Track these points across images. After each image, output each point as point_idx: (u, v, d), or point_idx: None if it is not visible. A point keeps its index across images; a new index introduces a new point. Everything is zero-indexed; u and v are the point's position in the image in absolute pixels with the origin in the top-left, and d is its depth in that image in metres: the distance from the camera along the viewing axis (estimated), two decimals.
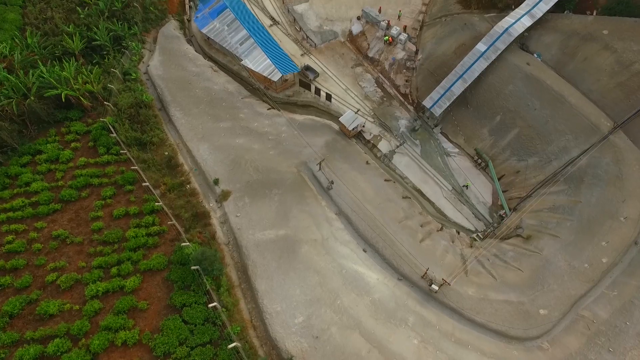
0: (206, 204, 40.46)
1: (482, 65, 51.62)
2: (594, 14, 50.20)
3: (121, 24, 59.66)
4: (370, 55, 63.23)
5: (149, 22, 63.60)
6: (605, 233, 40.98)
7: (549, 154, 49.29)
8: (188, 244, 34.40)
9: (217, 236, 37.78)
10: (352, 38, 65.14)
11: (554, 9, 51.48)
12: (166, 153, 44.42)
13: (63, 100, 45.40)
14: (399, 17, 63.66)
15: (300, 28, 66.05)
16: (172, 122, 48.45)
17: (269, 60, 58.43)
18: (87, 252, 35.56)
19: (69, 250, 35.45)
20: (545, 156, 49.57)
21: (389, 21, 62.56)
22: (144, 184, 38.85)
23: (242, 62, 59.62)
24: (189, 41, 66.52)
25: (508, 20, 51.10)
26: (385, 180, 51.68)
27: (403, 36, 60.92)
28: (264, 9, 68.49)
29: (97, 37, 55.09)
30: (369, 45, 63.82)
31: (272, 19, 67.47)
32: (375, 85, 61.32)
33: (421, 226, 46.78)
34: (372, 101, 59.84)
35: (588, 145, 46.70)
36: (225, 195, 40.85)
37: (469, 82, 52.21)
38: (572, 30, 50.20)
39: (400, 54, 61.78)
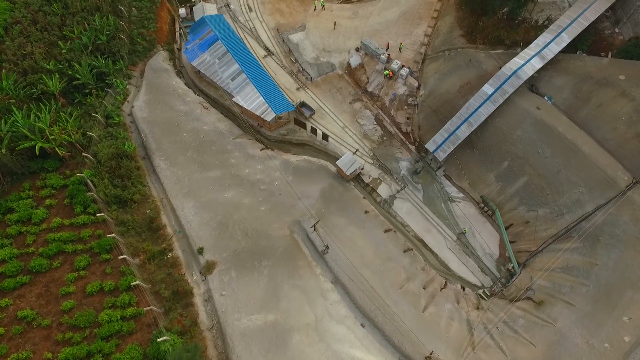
0: (189, 276, 36.66)
1: (489, 108, 47.82)
2: (609, 56, 46.37)
3: (106, 58, 55.84)
4: (370, 89, 59.41)
5: (136, 55, 59.73)
6: (626, 305, 37.21)
7: (560, 206, 45.51)
8: (166, 337, 30.55)
9: (199, 320, 33.97)
10: (350, 71, 61.32)
11: (566, 49, 47.65)
12: (148, 211, 40.59)
13: (37, 153, 41.55)
14: (399, 49, 59.82)
15: (296, 60, 62.21)
16: (157, 174, 44.59)
17: (262, 98, 54.58)
18: (55, 338, 31.75)
19: (35, 336, 31.67)
20: (556, 208, 45.78)
21: (389, 54, 58.73)
22: (120, 257, 35.00)
23: (234, 99, 55.77)
24: (179, 73, 62.73)
25: (517, 61, 47.26)
26: (386, 230, 47.96)
27: (404, 71, 57.11)
28: (257, 38, 64.66)
29: (78, 75, 51.23)
30: (368, 79, 60.01)
31: (266, 49, 63.65)
32: (375, 122, 57.52)
33: (424, 288, 43.03)
34: (372, 140, 56.04)
35: (604, 200, 42.92)
36: (210, 267, 37.05)
37: (475, 126, 48.43)
38: (586, 73, 46.38)
39: (401, 89, 58.00)
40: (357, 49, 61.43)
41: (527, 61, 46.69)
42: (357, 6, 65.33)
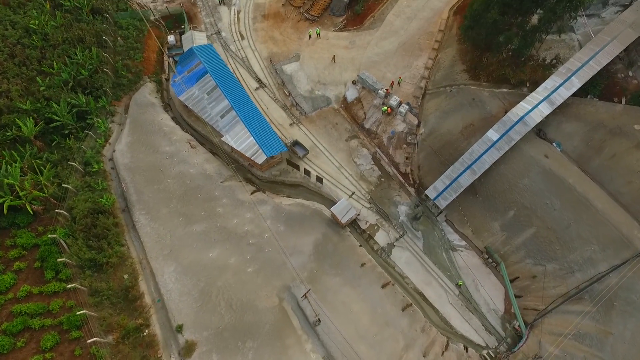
0: (167, 359, 33.23)
1: (493, 156, 44.41)
2: (623, 102, 42.98)
3: (88, 94, 52.50)
4: (367, 126, 55.97)
5: (120, 88, 56.29)
6: None
7: (571, 263, 42.13)
8: None
9: None
10: (346, 105, 57.86)
11: (576, 93, 44.20)
12: (125, 276, 37.13)
13: (5, 212, 38.09)
14: (398, 83, 56.39)
15: (290, 93, 58.75)
16: (136, 230, 41.12)
17: (252, 138, 51.14)
18: None
19: None
20: (566, 264, 42.41)
21: (387, 89, 55.29)
22: (89, 341, 31.54)
23: (223, 138, 52.32)
24: (167, 106, 59.28)
25: (523, 106, 43.83)
26: (383, 285, 44.66)
27: (403, 108, 53.67)
28: (249, 69, 61.18)
29: (56, 117, 47.77)
30: (365, 114, 56.57)
31: (258, 80, 60.18)
32: (372, 162, 54.06)
33: (424, 356, 39.63)
34: (369, 182, 52.59)
35: (619, 261, 39.53)
36: (189, 348, 33.62)
37: (479, 174, 45.03)
38: (598, 120, 42.98)
39: (400, 126, 54.57)
40: (353, 82, 58.02)
41: (535, 107, 43.27)
42: (354, 35, 61.87)
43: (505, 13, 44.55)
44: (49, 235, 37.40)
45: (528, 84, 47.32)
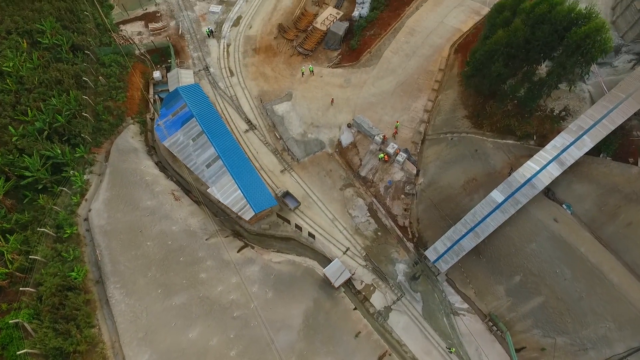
0: None
1: (498, 219, 40.83)
2: (639, 163, 39.38)
3: (66, 141, 49.02)
4: (363, 174, 52.37)
5: (101, 133, 52.67)
6: None
7: (583, 339, 38.53)
8: None
9: None
10: (341, 150, 54.26)
11: (588, 151, 40.63)
12: None
13: None
14: (396, 127, 52.83)
15: (281, 136, 55.15)
16: (110, 306, 37.54)
17: (240, 191, 47.55)
18: None
19: None
20: (578, 340, 38.80)
21: (384, 136, 51.72)
22: None
23: (209, 190, 48.76)
24: (152, 149, 55.69)
25: (530, 166, 40.22)
26: (380, 358, 41.16)
27: (401, 157, 50.09)
28: (239, 108, 57.57)
29: (28, 173, 44.22)
30: (361, 161, 52.97)
31: (248, 122, 56.57)
32: (368, 214, 50.44)
33: None
34: (364, 236, 48.99)
35: (637, 344, 35.93)
36: None
37: (482, 238, 41.44)
38: (612, 183, 39.37)
39: (397, 174, 50.99)
40: (348, 125, 54.44)
41: (544, 167, 39.66)
42: (350, 72, 58.26)
43: (511, 64, 40.93)
44: (10, 321, 33.79)
45: (535, 137, 43.71)
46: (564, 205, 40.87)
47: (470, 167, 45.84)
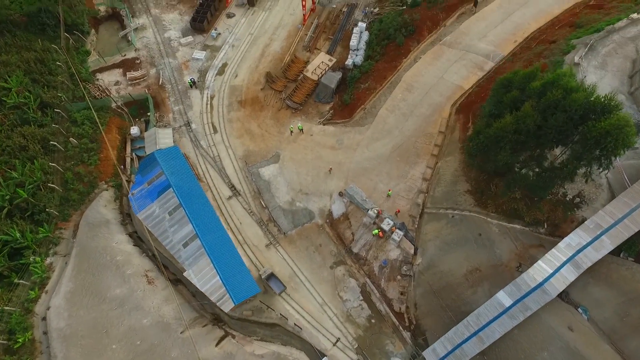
0: None
1: (505, 324, 36.25)
2: None
3: (29, 216, 44.48)
4: (355, 250, 47.73)
5: (70, 204, 48.03)
6: None
7: None
8: None
9: None
10: (332, 221, 49.62)
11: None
12: None
13: None
14: (388, 195, 48.29)
15: (266, 205, 50.49)
16: None
17: (219, 277, 42.95)
18: None
19: None
20: None
21: (379, 210, 47.11)
22: None
23: (185, 274, 44.17)
24: (128, 216, 51.02)
25: (542, 268, 35.62)
26: None
27: (397, 235, 45.50)
28: (222, 171, 52.91)
29: None
30: (353, 235, 48.34)
31: (231, 187, 51.91)
32: (361, 297, 45.82)
33: None
34: (356, 324, 44.39)
35: None
36: None
37: (488, 344, 36.84)
38: (636, 290, 34.74)
39: (393, 252, 46.43)
40: (340, 194, 49.83)
41: (557, 270, 35.08)
42: (342, 131, 53.62)
43: (520, 149, 36.34)
44: None
45: (546, 225, 39.08)
46: (579, 309, 36.25)
47: (474, 254, 41.22)
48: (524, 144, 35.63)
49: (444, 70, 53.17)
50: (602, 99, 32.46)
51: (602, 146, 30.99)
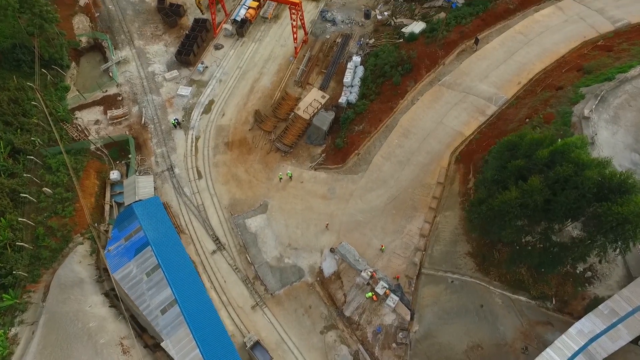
0: None
1: None
2: None
3: None
4: (348, 313, 44.30)
5: (41, 263, 44.60)
6: None
7: None
8: None
9: None
10: (323, 280, 46.18)
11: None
12: None
13: None
14: (381, 250, 44.94)
15: (253, 261, 47.04)
16: None
17: (198, 350, 39.45)
18: None
19: None
20: None
21: (373, 272, 43.69)
22: None
23: (163, 344, 40.66)
24: (105, 272, 47.50)
25: (552, 358, 32.14)
26: None
27: (392, 301, 42.11)
28: (205, 222, 49.47)
29: None
30: (345, 296, 44.91)
31: (216, 239, 48.47)
32: None
33: None
34: None
35: None
36: None
37: None
38: None
39: (388, 317, 43.02)
40: (331, 250, 46.41)
41: None
42: (334, 179, 50.19)
43: (526, 223, 32.95)
44: None
45: (554, 300, 35.66)
46: None
47: (475, 328, 37.84)
48: (531, 218, 32.18)
49: (443, 114, 49.76)
50: (619, 176, 29.01)
51: (620, 233, 27.51)
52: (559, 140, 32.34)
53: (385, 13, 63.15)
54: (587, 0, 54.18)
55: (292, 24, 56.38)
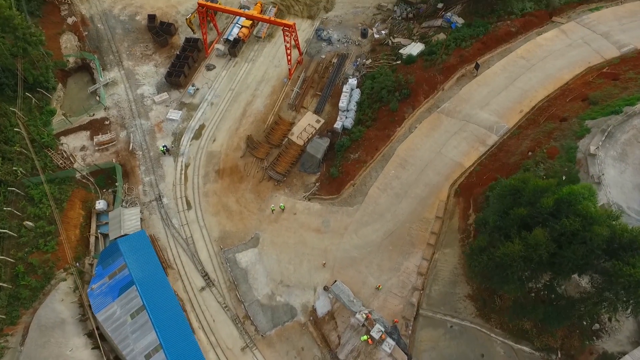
0: None
1: None
2: None
3: None
4: (342, 357, 42.18)
5: (20, 303, 42.48)
6: None
7: None
8: None
9: None
10: (316, 319, 44.10)
11: None
12: None
13: None
14: (377, 288, 42.91)
15: (243, 299, 44.96)
16: None
17: None
18: None
19: None
20: None
21: (368, 314, 41.62)
22: None
23: None
24: (89, 309, 45.32)
25: None
26: None
27: (388, 346, 40.01)
28: (194, 256, 47.37)
29: None
30: (339, 338, 42.79)
31: (204, 275, 46.37)
32: None
33: None
34: None
35: None
36: None
37: None
38: None
39: None
40: (325, 288, 44.35)
41: None
42: (329, 210, 48.12)
43: (529, 278, 30.91)
44: None
45: (560, 354, 33.58)
46: None
47: None
48: (535, 271, 30.11)
49: (442, 144, 47.72)
50: (631, 231, 26.95)
51: (632, 296, 25.47)
52: (565, 186, 30.16)
53: (383, 32, 61.14)
54: (591, 23, 52.11)
55: (285, 45, 54.30)
